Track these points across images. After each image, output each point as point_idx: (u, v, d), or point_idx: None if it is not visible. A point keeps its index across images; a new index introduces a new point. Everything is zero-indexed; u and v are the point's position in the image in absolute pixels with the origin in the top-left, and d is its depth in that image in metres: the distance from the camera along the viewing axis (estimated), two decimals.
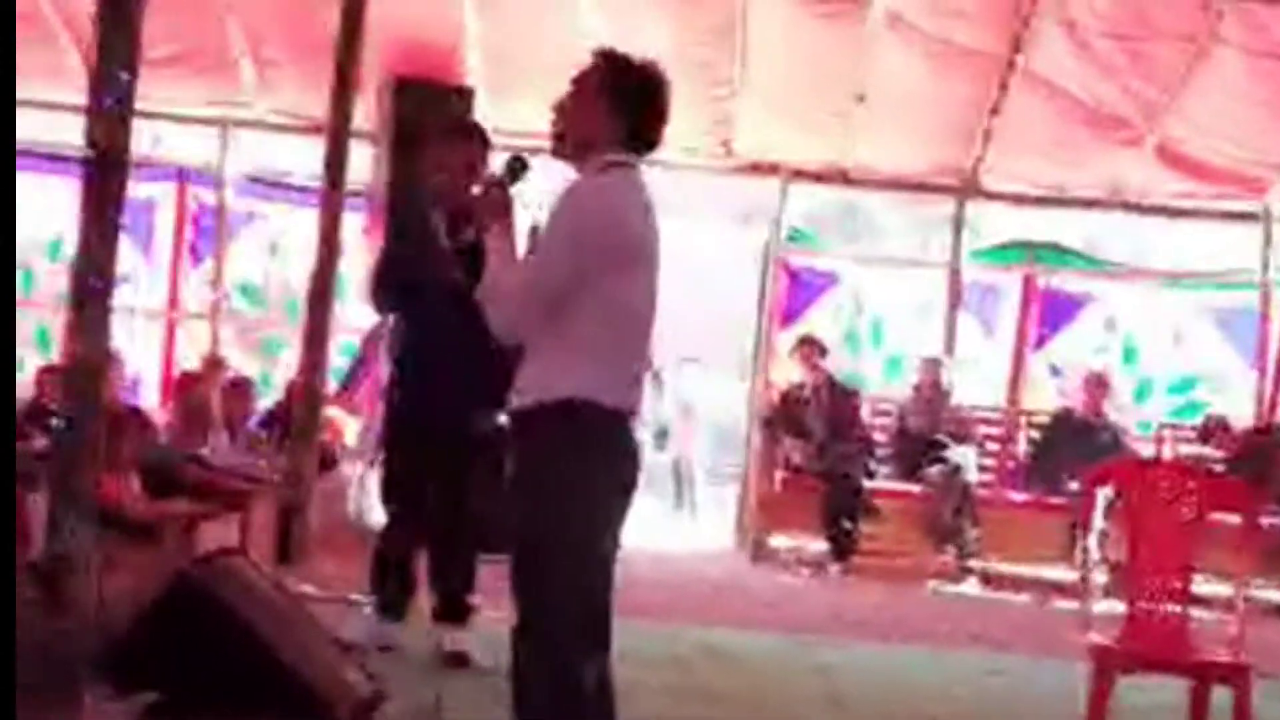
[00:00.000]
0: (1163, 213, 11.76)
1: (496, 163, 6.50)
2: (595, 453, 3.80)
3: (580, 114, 3.94)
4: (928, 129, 11.33)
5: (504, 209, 3.95)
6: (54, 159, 11.08)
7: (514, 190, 4.00)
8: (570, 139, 3.95)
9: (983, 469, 10.84)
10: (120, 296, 10.73)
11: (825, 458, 10.43)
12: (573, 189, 3.88)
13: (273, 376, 11.09)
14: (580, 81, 3.97)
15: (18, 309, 11.00)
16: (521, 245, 3.96)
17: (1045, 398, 11.53)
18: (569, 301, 3.77)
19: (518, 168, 4.01)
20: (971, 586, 10.06)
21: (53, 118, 11.21)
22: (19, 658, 4.62)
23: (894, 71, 10.82)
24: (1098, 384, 10.95)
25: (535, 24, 10.67)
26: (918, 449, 10.63)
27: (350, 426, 10.60)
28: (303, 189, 11.02)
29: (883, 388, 11.57)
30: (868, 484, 10.41)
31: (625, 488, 3.89)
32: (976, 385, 11.50)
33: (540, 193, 4.26)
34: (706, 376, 16.68)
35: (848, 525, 10.20)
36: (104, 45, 4.39)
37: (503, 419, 4.42)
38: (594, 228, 3.80)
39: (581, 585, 3.80)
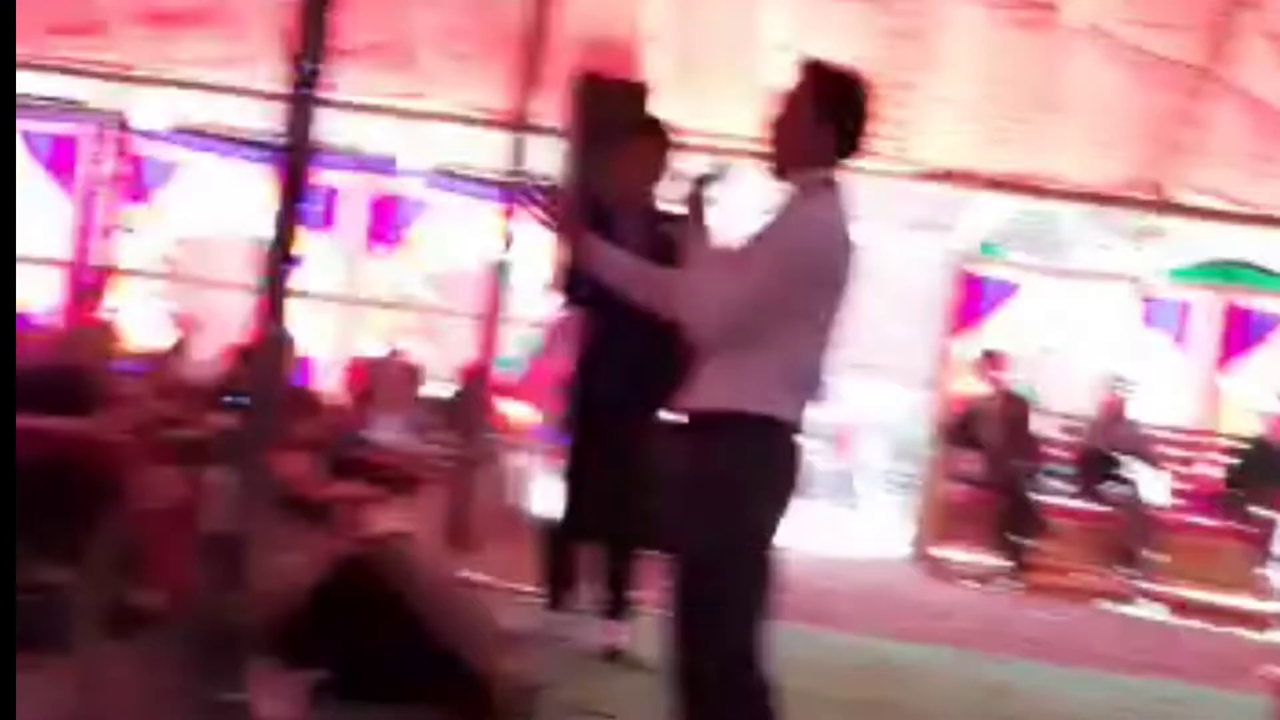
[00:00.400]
0: None
1: (684, 162, 6.57)
2: (770, 465, 3.87)
3: (792, 130, 3.96)
4: (1121, 140, 11.02)
5: (701, 210, 4.01)
6: (245, 144, 11.34)
7: (711, 192, 4.05)
8: (783, 155, 3.98)
9: (1166, 491, 10.54)
10: (302, 280, 11.14)
11: (1001, 471, 10.25)
12: (790, 212, 3.94)
13: (447, 364, 11.19)
14: (790, 97, 3.98)
15: (212, 290, 11.50)
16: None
17: (1235, 420, 11.17)
18: (767, 317, 3.84)
19: (717, 170, 4.05)
20: (1148, 610, 9.80)
21: (245, 104, 11.47)
22: (191, 630, 4.70)
23: (1087, 80, 10.56)
24: None
25: (717, 22, 10.61)
26: (1098, 467, 10.40)
27: (524, 416, 10.66)
28: (483, 181, 11.13)
29: (1064, 403, 11.31)
30: (1044, 500, 10.20)
31: (790, 498, 3.94)
32: (1162, 405, 11.18)
33: (739, 197, 4.26)
34: (883, 384, 16.51)
35: (1022, 541, 10.01)
36: (297, 35, 4.43)
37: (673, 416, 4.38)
38: (807, 255, 3.86)
39: (747, 588, 3.84)
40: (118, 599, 4.42)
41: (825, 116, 3.93)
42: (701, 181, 4.06)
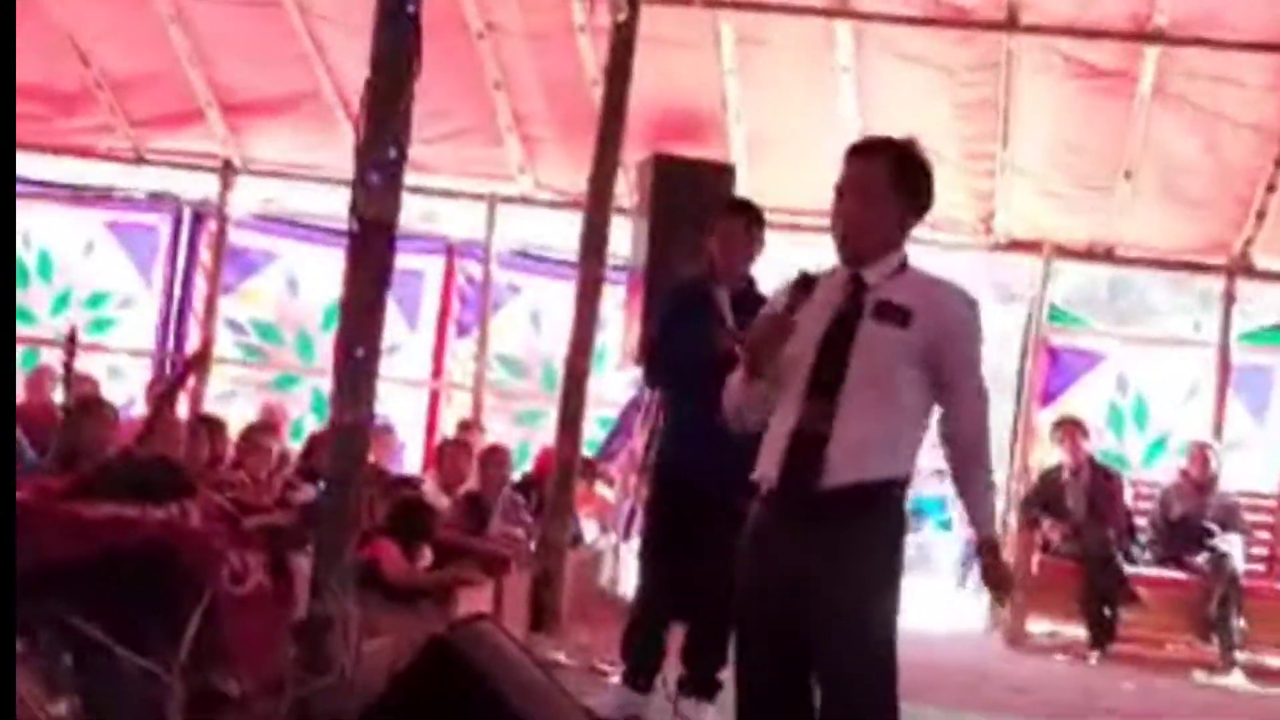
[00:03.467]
0: None
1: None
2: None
3: (873, 219, 3.89)
4: (1198, 205, 11.00)
5: (779, 342, 3.83)
6: (332, 231, 11.55)
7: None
8: (861, 243, 3.90)
9: (1252, 558, 10.40)
10: (388, 366, 11.29)
11: (1084, 540, 10.16)
12: (966, 298, 3.98)
13: (532, 447, 11.28)
14: (863, 186, 3.89)
15: (299, 375, 11.68)
16: None
17: None
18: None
19: (804, 285, 3.88)
20: (1237, 679, 9.64)
21: (333, 191, 11.71)
22: (279, 716, 4.79)
23: (1163, 146, 10.58)
24: None
25: (795, 99, 10.74)
26: (1182, 535, 10.28)
27: (607, 496, 10.71)
28: (564, 263, 11.26)
29: (1146, 470, 11.22)
30: (1129, 569, 10.09)
31: None
32: (1246, 470, 11.04)
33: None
34: None
35: (1107, 611, 9.90)
36: (372, 119, 4.56)
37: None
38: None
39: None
40: (204, 686, 4.52)
41: (903, 198, 3.90)
42: (799, 287, 3.89)
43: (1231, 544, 10.08)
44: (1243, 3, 9.72)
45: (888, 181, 3.87)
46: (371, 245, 4.58)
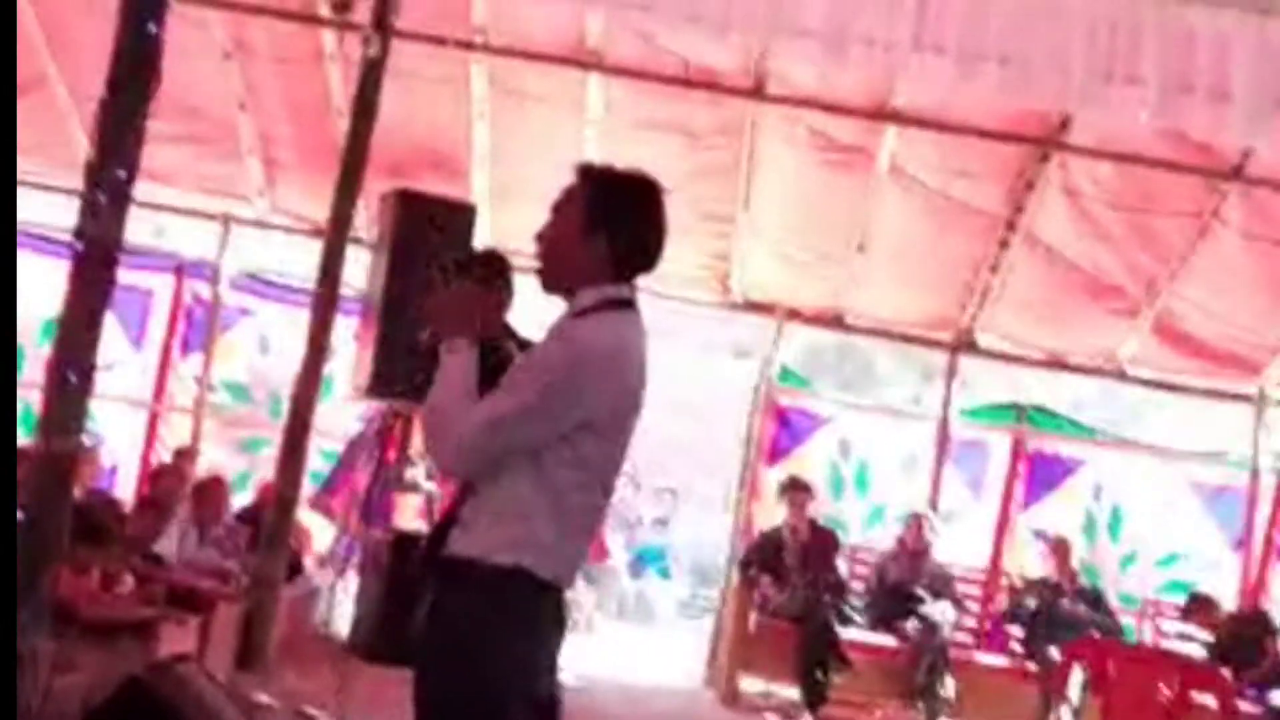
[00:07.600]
0: (1155, 386, 11.68)
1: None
2: (521, 624, 3.38)
3: (564, 241, 3.49)
4: (925, 281, 11.35)
5: (467, 317, 3.48)
6: (51, 241, 11.02)
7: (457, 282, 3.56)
8: (553, 270, 3.52)
9: (960, 628, 10.70)
10: (105, 383, 10.82)
11: (800, 601, 10.28)
12: (566, 330, 3.44)
13: (253, 476, 10.96)
14: (562, 205, 3.53)
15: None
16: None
17: (1028, 560, 11.39)
18: (532, 455, 3.37)
19: (463, 263, 3.58)
20: None
21: (62, 201, 11.22)
22: None
23: (895, 222, 10.87)
24: (1059, 550, 10.81)
25: (541, 146, 10.69)
26: (895, 602, 10.50)
27: (324, 533, 10.44)
28: (297, 290, 11.01)
29: (864, 536, 11.46)
30: (842, 634, 10.24)
31: (549, 654, 3.50)
32: (959, 542, 11.35)
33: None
34: (688, 508, 16.58)
35: (820, 674, 10.03)
36: (105, 139, 4.35)
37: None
38: (583, 382, 3.36)
39: None
40: None
41: (601, 225, 3.46)
42: (448, 269, 3.59)
43: (942, 613, 10.34)
44: (975, 93, 10.02)
45: (584, 204, 3.49)
46: (94, 267, 4.36)
